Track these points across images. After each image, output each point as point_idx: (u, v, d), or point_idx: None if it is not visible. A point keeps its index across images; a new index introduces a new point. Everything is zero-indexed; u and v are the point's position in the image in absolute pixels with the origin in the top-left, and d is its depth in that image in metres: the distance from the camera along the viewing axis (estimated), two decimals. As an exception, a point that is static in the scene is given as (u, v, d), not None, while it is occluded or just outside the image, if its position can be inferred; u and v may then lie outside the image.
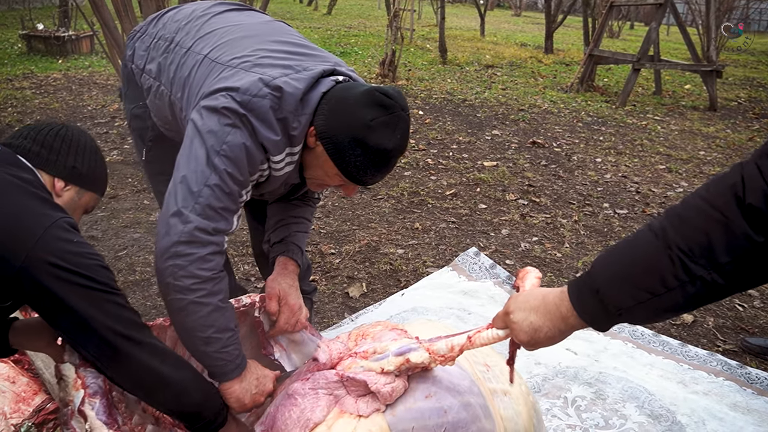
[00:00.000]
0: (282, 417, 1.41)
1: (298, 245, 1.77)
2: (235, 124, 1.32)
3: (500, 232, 3.49)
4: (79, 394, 1.26)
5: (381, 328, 1.54)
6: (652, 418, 2.01)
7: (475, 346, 1.25)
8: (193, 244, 1.30)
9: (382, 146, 1.33)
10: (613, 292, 0.90)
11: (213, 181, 1.31)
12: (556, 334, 1.03)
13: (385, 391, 1.33)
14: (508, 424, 1.40)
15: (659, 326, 2.61)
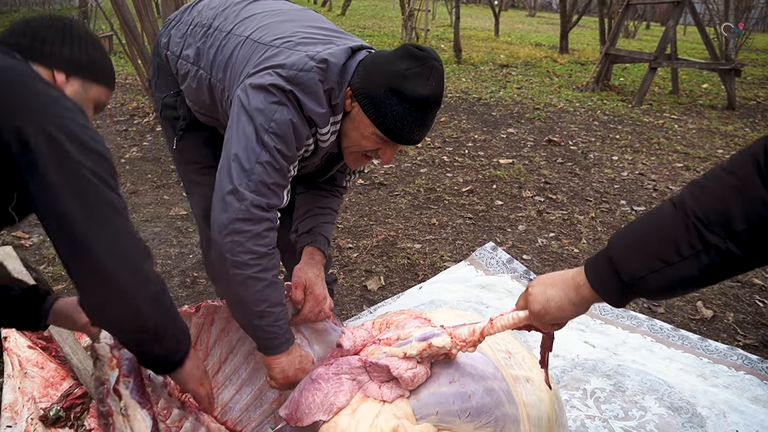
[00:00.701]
0: (306, 401, 1.43)
1: (325, 236, 1.79)
2: (281, 101, 1.35)
3: (517, 228, 3.50)
4: (114, 373, 1.30)
5: (405, 316, 1.56)
6: (672, 410, 2.01)
7: (496, 328, 1.26)
8: (249, 221, 1.34)
9: (418, 93, 1.34)
10: (626, 259, 0.91)
11: (264, 159, 1.34)
12: (566, 303, 1.04)
13: (407, 376, 1.34)
14: (530, 410, 1.41)
15: (678, 321, 2.61)
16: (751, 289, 2.89)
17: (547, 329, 1.15)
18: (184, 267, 2.83)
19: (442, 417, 1.32)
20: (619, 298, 0.96)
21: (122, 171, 4.14)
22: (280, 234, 2.24)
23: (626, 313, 2.60)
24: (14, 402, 1.82)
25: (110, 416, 1.29)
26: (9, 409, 1.78)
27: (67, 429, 1.79)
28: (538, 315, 1.09)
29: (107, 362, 1.32)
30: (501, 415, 1.33)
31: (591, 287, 0.99)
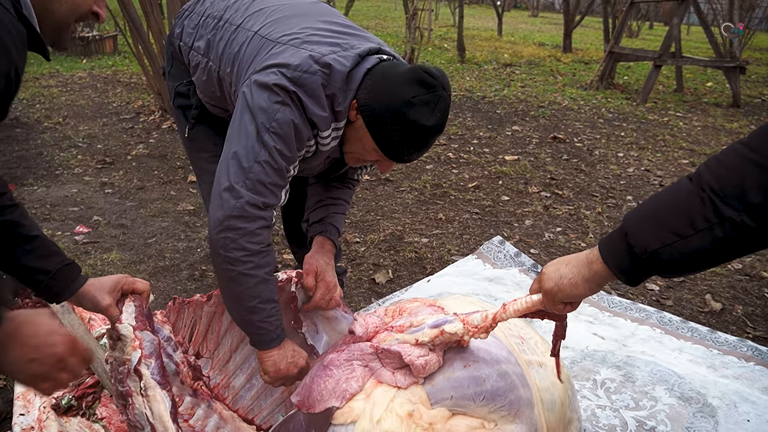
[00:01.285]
0: (318, 387, 1.43)
1: (336, 226, 1.80)
2: (284, 101, 1.36)
3: (524, 222, 3.50)
4: (137, 353, 1.31)
5: (418, 304, 1.56)
6: (683, 401, 2.01)
7: (509, 313, 1.25)
8: (244, 218, 1.36)
9: (421, 123, 1.35)
10: (639, 232, 0.90)
11: (263, 158, 1.35)
12: (579, 280, 1.04)
13: (419, 363, 1.34)
14: (544, 394, 1.40)
15: (687, 314, 2.60)
16: (760, 282, 2.88)
17: (559, 309, 1.14)
18: (192, 261, 2.84)
19: (456, 401, 1.32)
20: (631, 273, 0.95)
21: (129, 167, 4.16)
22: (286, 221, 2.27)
23: (635, 306, 2.60)
24: (26, 391, 1.82)
25: (129, 396, 1.29)
26: (21, 398, 1.79)
27: (78, 417, 1.79)
28: (551, 292, 1.09)
29: (130, 343, 1.32)
30: (515, 398, 1.33)
31: (604, 262, 0.99)
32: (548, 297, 1.12)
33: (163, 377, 1.32)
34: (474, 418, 1.33)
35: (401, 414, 1.31)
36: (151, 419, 1.26)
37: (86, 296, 1.35)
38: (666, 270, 0.91)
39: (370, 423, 1.31)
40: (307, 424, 1.42)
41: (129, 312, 1.39)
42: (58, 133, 4.87)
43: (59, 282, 1.30)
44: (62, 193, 3.63)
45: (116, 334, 1.37)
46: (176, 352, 1.72)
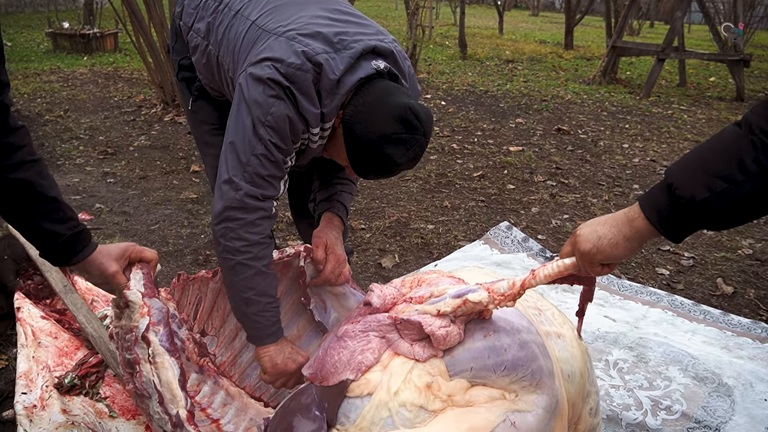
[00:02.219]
0: (331, 359, 1.37)
1: (343, 203, 1.78)
2: (279, 95, 1.36)
3: (530, 210, 3.46)
4: (145, 320, 1.27)
5: (437, 276, 1.51)
6: (697, 380, 1.97)
7: (539, 279, 1.19)
8: (243, 209, 1.38)
9: (392, 159, 1.36)
10: (686, 182, 0.85)
11: (259, 151, 1.37)
12: (620, 239, 0.99)
13: (440, 334, 1.27)
14: (564, 365, 1.36)
15: (698, 297, 2.56)
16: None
17: (596, 272, 1.08)
18: (196, 246, 2.80)
19: (476, 372, 1.26)
20: (676, 227, 0.90)
21: (131, 158, 4.12)
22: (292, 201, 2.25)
23: (645, 289, 2.56)
24: (29, 370, 1.79)
25: (137, 364, 1.25)
26: (24, 377, 1.75)
27: (82, 397, 1.76)
28: (589, 254, 1.04)
29: (138, 309, 1.28)
30: (537, 368, 1.28)
31: (646, 219, 0.93)
32: (586, 259, 1.06)
33: (171, 344, 1.27)
34: (494, 389, 1.28)
35: (419, 385, 1.26)
36: (158, 387, 1.22)
37: (93, 263, 1.31)
38: (714, 220, 0.86)
39: (387, 394, 1.26)
40: (319, 398, 1.37)
41: (137, 279, 1.35)
42: (60, 126, 4.84)
43: (69, 248, 1.27)
44: (64, 182, 3.60)
45: (123, 302, 1.33)
46: (181, 329, 1.68)
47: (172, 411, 1.20)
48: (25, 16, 13.58)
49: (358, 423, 1.26)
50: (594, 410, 1.47)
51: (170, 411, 1.21)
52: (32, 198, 1.20)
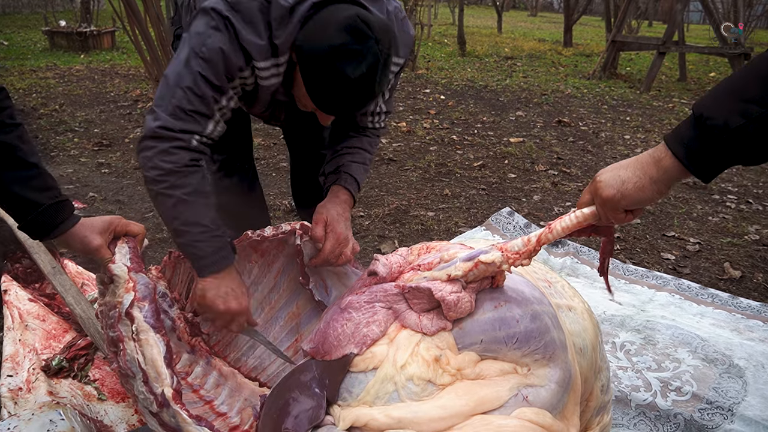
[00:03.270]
0: (334, 333, 1.29)
1: (352, 175, 1.68)
2: (217, 26, 1.31)
3: (532, 197, 3.40)
4: (129, 296, 1.20)
5: (446, 243, 1.44)
6: (707, 362, 1.90)
7: (556, 233, 1.11)
8: (157, 138, 1.33)
9: (344, 74, 1.25)
10: (717, 111, 0.79)
11: (185, 83, 1.32)
12: (646, 182, 0.92)
13: (450, 299, 1.18)
14: (576, 339, 1.30)
15: (705, 281, 2.50)
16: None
17: (621, 219, 1.01)
18: (190, 233, 2.74)
19: (486, 345, 1.19)
20: (707, 162, 0.84)
21: (126, 149, 4.06)
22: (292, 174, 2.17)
23: (651, 273, 2.50)
24: (15, 353, 1.72)
25: (121, 342, 1.18)
26: (10, 360, 1.69)
27: (70, 380, 1.69)
28: (613, 200, 0.97)
29: (123, 284, 1.22)
30: (550, 340, 1.20)
31: (675, 156, 0.87)
32: (609, 206, 0.99)
33: (157, 321, 1.20)
34: (505, 362, 1.20)
35: (427, 359, 1.18)
36: (143, 365, 1.15)
37: (75, 236, 1.24)
38: (750, 150, 0.79)
39: (394, 368, 1.18)
40: (320, 374, 1.29)
41: (123, 253, 1.28)
42: (54, 119, 4.77)
43: (49, 219, 1.20)
44: (57, 173, 3.53)
45: (108, 277, 1.26)
46: (172, 308, 1.62)
47: (157, 390, 1.13)
48: (23, 16, 13.53)
49: (361, 397, 1.19)
50: (605, 387, 1.41)
51: (155, 390, 1.13)
52: (11, 163, 1.14)
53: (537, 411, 1.16)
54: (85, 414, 1.52)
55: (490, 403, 1.17)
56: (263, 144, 4.25)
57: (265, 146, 4.22)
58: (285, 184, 3.45)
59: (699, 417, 1.65)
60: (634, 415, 1.69)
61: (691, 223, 3.10)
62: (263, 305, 1.72)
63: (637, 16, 16.73)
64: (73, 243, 1.25)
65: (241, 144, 2.02)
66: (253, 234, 1.59)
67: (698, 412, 1.68)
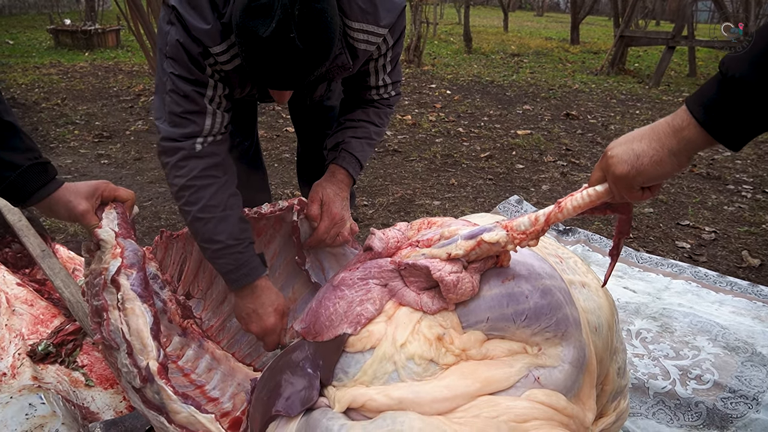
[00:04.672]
0: (326, 312, 1.20)
1: (351, 152, 1.57)
2: (171, 20, 1.25)
3: (540, 187, 3.30)
4: (116, 262, 1.11)
5: (449, 219, 1.35)
6: (728, 350, 1.80)
7: (567, 212, 1.01)
8: (165, 153, 1.31)
9: (257, 34, 1.10)
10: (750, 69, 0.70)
11: (168, 87, 1.28)
12: (664, 155, 0.82)
13: (449, 280, 1.08)
14: (590, 316, 1.20)
15: (723, 269, 2.40)
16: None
17: (637, 197, 0.91)
18: (189, 221, 2.67)
19: (493, 323, 1.08)
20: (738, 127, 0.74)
21: (127, 141, 4.00)
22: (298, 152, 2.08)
23: (666, 261, 2.40)
24: (1, 338, 1.65)
25: (105, 311, 1.09)
26: (-6, 345, 1.61)
27: (57, 365, 1.61)
28: (627, 177, 0.87)
29: (110, 250, 1.13)
30: (562, 317, 1.10)
31: (699, 123, 0.76)
32: (623, 183, 0.89)
33: (144, 290, 1.11)
34: (514, 341, 1.09)
35: (430, 337, 1.08)
36: (127, 336, 1.06)
37: (59, 201, 1.15)
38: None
39: (393, 346, 1.08)
40: (313, 355, 1.20)
41: (110, 218, 1.20)
42: (56, 113, 4.72)
43: (29, 182, 1.11)
44: (56, 163, 3.47)
45: (94, 244, 1.18)
46: (163, 290, 1.54)
47: (142, 363, 1.04)
48: (29, 17, 13.56)
49: (358, 377, 1.09)
50: (622, 370, 1.31)
51: (139, 363, 1.05)
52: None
53: (549, 393, 1.06)
54: (70, 400, 1.44)
55: (498, 383, 1.07)
56: (266, 136, 4.17)
57: (268, 138, 4.14)
58: (287, 174, 3.37)
59: (722, 406, 1.55)
60: (652, 404, 1.59)
61: (706, 212, 3.00)
62: (259, 288, 1.64)
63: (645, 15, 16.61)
64: (57, 209, 1.16)
65: (240, 119, 1.94)
66: (250, 211, 1.51)
67: (721, 401, 1.58)
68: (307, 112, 1.99)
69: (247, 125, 1.99)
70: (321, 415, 1.05)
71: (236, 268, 1.33)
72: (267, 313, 1.38)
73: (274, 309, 1.38)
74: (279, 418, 1.09)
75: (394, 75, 1.59)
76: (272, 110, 4.98)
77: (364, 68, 1.50)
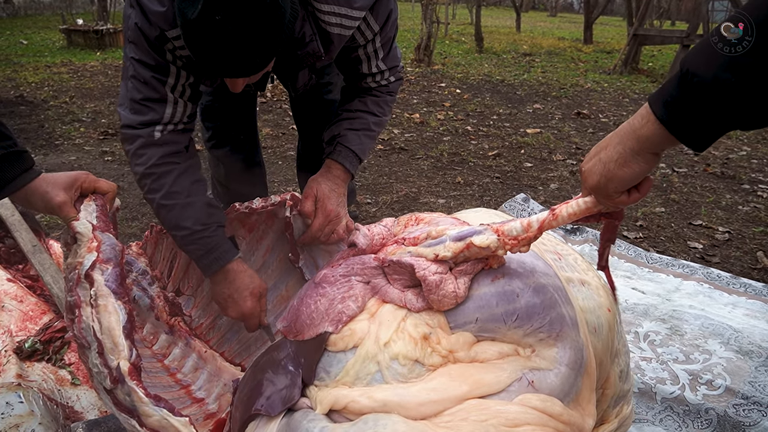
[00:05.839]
0: (307, 310, 1.15)
1: (348, 146, 1.51)
2: (131, 3, 1.22)
3: (549, 186, 3.23)
4: (91, 256, 1.05)
5: (437, 215, 1.29)
6: (742, 354, 1.72)
7: (561, 219, 0.97)
8: (125, 141, 1.30)
9: (186, 17, 1.05)
10: (706, 65, 0.66)
11: (130, 73, 1.26)
12: (628, 156, 0.79)
13: (432, 279, 1.03)
14: (589, 316, 1.13)
15: (737, 270, 2.31)
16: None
17: (623, 201, 0.88)
18: (188, 218, 2.63)
19: (483, 324, 1.02)
20: (701, 126, 0.70)
21: (131, 138, 3.98)
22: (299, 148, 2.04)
23: (677, 262, 2.32)
24: (-12, 335, 1.61)
25: (77, 308, 1.04)
26: (-19, 341, 1.58)
27: (44, 363, 1.57)
28: (599, 187, 0.85)
29: (86, 243, 1.08)
30: (556, 317, 1.03)
31: (658, 121, 0.73)
32: (600, 194, 0.87)
33: (120, 287, 1.06)
34: (505, 343, 1.03)
35: (415, 336, 1.02)
36: (98, 334, 1.00)
37: (35, 192, 1.10)
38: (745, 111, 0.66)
39: (376, 345, 1.03)
40: (295, 353, 1.14)
41: (89, 211, 1.14)
42: (63, 110, 4.72)
43: (3, 171, 1.06)
44: (59, 160, 3.46)
45: (71, 237, 1.13)
46: (152, 286, 1.49)
47: (112, 363, 0.99)
48: (44, 17, 13.69)
49: (340, 378, 1.04)
50: (624, 374, 1.24)
51: (110, 363, 0.99)
52: None
53: (544, 398, 1.00)
54: (53, 399, 1.40)
55: (488, 386, 1.00)
56: (272, 134, 4.13)
57: (274, 135, 4.10)
58: (291, 172, 3.33)
59: (734, 413, 1.48)
60: (659, 410, 1.51)
61: (720, 212, 2.90)
62: (250, 286, 1.59)
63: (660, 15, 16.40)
64: (34, 200, 1.11)
65: (235, 113, 1.90)
66: (240, 206, 1.46)
67: (733, 407, 1.50)
68: (308, 107, 1.95)
69: (239, 118, 1.94)
70: (302, 416, 0.99)
71: (206, 253, 1.31)
72: (243, 298, 1.34)
73: (250, 292, 1.34)
74: (259, 417, 1.04)
75: (389, 60, 1.52)
76: (279, 108, 4.95)
77: (354, 55, 1.45)
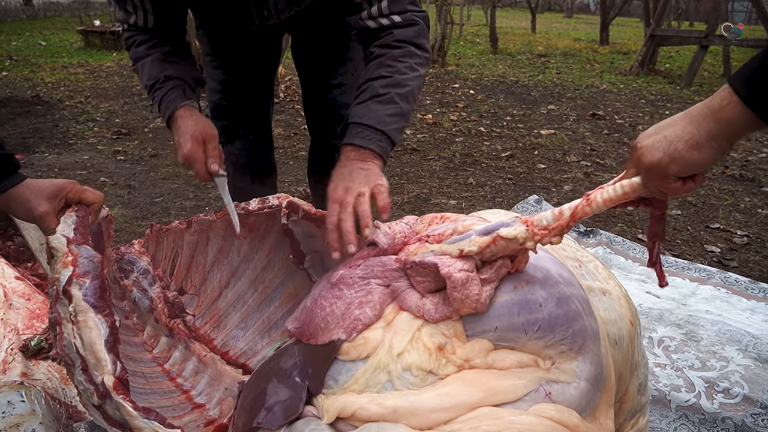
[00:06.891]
0: (322, 312, 1.09)
1: (354, 122, 1.30)
2: None
3: (562, 188, 3.18)
4: (67, 271, 1.00)
5: (463, 215, 1.23)
6: (760, 362, 1.67)
7: (596, 205, 0.90)
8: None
9: None
10: None
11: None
12: (703, 138, 0.72)
13: (458, 277, 0.96)
14: (610, 328, 1.08)
15: (756, 275, 2.25)
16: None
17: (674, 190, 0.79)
18: (198, 217, 2.62)
19: (502, 333, 0.97)
20: None
21: (144, 138, 4.00)
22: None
23: (693, 266, 2.26)
24: (-6, 333, 1.61)
25: (58, 325, 1.01)
26: (-13, 339, 1.57)
27: (49, 361, 1.57)
28: (660, 166, 0.76)
29: (61, 258, 1.04)
30: (579, 329, 0.97)
31: (742, 100, 0.67)
32: (656, 173, 0.78)
33: (99, 300, 1.01)
34: (524, 353, 0.98)
35: (430, 346, 0.96)
36: (81, 350, 0.96)
37: (17, 199, 1.05)
38: None
39: (389, 355, 0.97)
40: (302, 361, 1.09)
41: (68, 223, 1.09)
42: (78, 110, 4.76)
43: None
44: (72, 159, 3.48)
45: (48, 247, 1.10)
46: (153, 286, 1.48)
47: (97, 379, 0.96)
48: (63, 19, 13.87)
49: (348, 385, 0.99)
50: (643, 387, 1.19)
51: (95, 379, 0.96)
52: None
53: (561, 408, 0.94)
54: (56, 398, 1.39)
55: (503, 394, 0.95)
56: (284, 134, 4.13)
57: (286, 135, 4.09)
58: (302, 172, 3.31)
59: (752, 423, 1.43)
60: (674, 418, 1.47)
61: (738, 215, 2.84)
62: (256, 284, 1.56)
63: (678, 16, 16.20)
64: (15, 207, 1.07)
65: (246, 112, 1.88)
66: (237, 206, 1.43)
67: (751, 417, 1.45)
68: (319, 108, 1.92)
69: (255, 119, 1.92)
70: (304, 425, 0.96)
71: (159, 107, 1.34)
72: (184, 141, 1.30)
73: (191, 135, 1.30)
74: (260, 430, 1.01)
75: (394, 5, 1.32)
76: (291, 108, 4.94)
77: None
